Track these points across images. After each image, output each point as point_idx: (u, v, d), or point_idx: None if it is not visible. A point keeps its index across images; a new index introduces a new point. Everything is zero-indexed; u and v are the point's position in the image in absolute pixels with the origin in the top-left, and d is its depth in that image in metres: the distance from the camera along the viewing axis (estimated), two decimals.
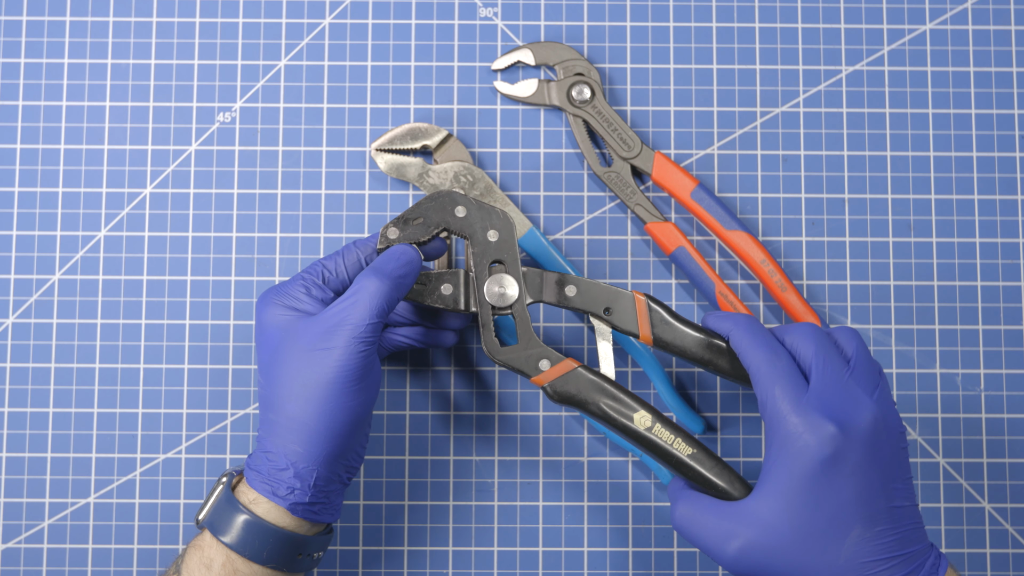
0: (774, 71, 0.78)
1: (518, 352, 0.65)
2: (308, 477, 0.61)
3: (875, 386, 0.60)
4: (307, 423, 0.61)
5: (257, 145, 0.77)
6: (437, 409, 0.75)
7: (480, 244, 0.66)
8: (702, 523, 0.60)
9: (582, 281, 0.66)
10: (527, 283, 0.66)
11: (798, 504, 0.58)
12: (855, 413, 0.59)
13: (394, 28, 0.78)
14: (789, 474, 0.58)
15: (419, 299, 0.66)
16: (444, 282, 0.66)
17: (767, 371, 0.60)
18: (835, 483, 0.58)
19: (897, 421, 0.60)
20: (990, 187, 0.77)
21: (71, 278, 0.76)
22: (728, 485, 0.62)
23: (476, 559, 0.74)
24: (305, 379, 0.61)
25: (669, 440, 0.63)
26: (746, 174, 0.77)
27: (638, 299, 0.66)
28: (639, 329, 0.65)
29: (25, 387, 0.75)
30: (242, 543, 0.61)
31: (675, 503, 0.62)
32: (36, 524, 0.74)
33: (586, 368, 0.64)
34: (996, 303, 0.76)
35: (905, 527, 0.59)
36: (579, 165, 0.77)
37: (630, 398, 0.64)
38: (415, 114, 0.77)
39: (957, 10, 0.78)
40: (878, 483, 0.58)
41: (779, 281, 0.74)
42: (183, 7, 0.78)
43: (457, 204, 0.66)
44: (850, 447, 0.58)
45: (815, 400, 0.59)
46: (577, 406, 0.64)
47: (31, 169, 0.76)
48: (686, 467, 0.62)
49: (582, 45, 0.78)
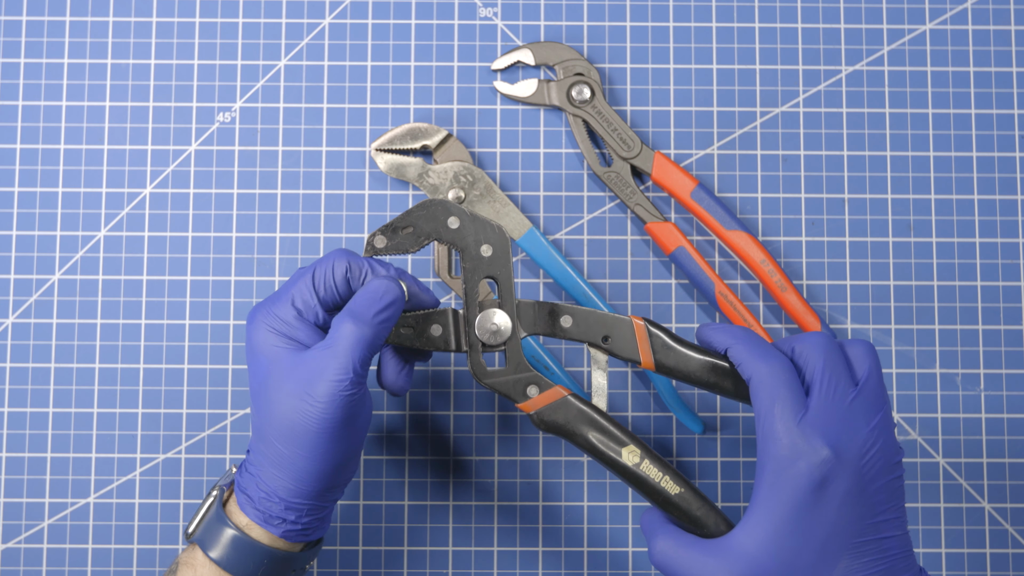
0: (774, 71, 0.78)
1: (507, 376, 0.63)
2: (300, 509, 0.61)
3: (878, 410, 0.58)
4: (296, 463, 0.60)
5: (257, 145, 0.77)
6: (437, 409, 0.75)
7: (473, 259, 0.63)
8: (685, 560, 0.58)
9: (578, 310, 0.63)
10: (520, 315, 0.63)
11: (786, 534, 0.56)
12: (851, 438, 0.57)
13: (394, 28, 0.78)
14: (779, 501, 0.56)
15: (407, 343, 0.63)
16: (433, 323, 0.63)
17: (768, 385, 0.58)
18: (825, 510, 0.56)
19: (894, 450, 0.58)
20: (990, 187, 0.77)
21: (71, 278, 0.76)
22: (715, 527, 0.60)
23: (476, 559, 0.74)
24: (292, 424, 0.59)
25: (657, 477, 0.61)
26: (746, 174, 0.77)
27: (637, 325, 0.63)
28: (640, 356, 0.63)
29: (25, 387, 0.75)
30: (234, 562, 0.61)
31: (654, 538, 0.60)
32: (36, 524, 0.74)
33: (576, 397, 0.62)
34: (996, 303, 0.76)
35: (893, 556, 0.57)
36: (579, 165, 0.77)
37: (620, 431, 0.62)
38: (415, 114, 0.77)
39: (957, 10, 0.78)
40: (868, 514, 0.57)
41: (779, 281, 0.74)
42: (183, 7, 0.78)
43: (450, 215, 0.63)
44: (842, 473, 0.56)
45: (812, 420, 0.57)
46: (564, 436, 0.62)
47: (31, 169, 0.76)
48: (672, 506, 0.61)
49: (582, 45, 0.78)
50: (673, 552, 0.59)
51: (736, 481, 0.75)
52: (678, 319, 0.76)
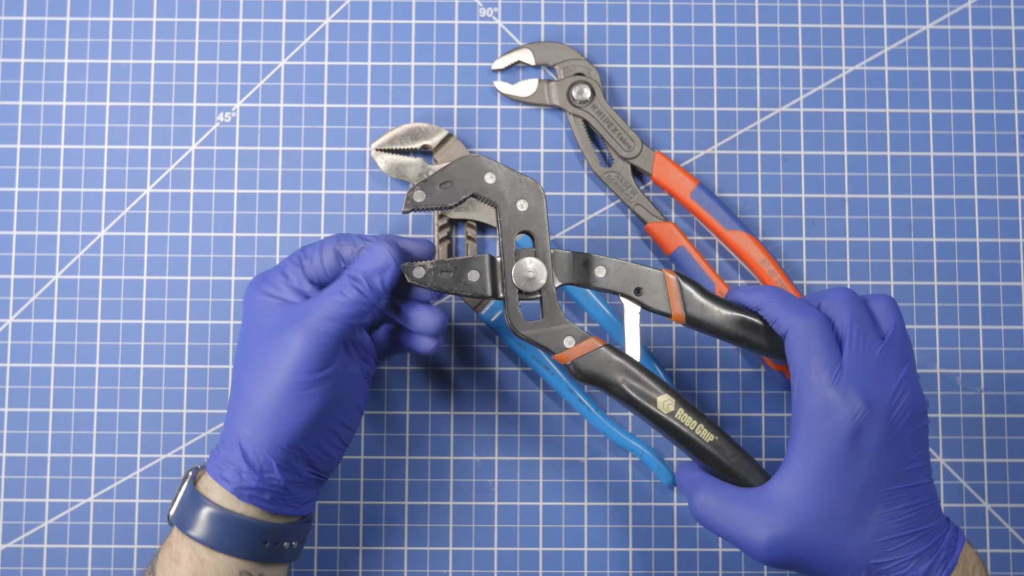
0: (774, 71, 0.78)
1: (542, 328, 0.63)
2: (256, 462, 0.61)
3: (904, 362, 0.60)
4: (257, 407, 0.60)
5: (257, 145, 0.77)
6: (437, 409, 0.75)
7: (509, 213, 0.64)
8: (727, 513, 0.60)
9: (611, 261, 0.64)
10: (555, 265, 0.64)
11: (826, 483, 0.58)
12: (882, 390, 0.58)
13: (394, 28, 0.78)
14: (816, 451, 0.58)
15: (446, 288, 0.64)
16: (470, 268, 0.64)
17: (804, 339, 0.59)
18: (861, 460, 0.58)
19: (921, 400, 0.60)
20: (990, 187, 0.77)
21: (71, 278, 0.76)
22: (748, 475, 0.61)
23: (476, 559, 0.74)
24: (261, 363, 0.61)
25: (691, 426, 0.62)
26: (746, 174, 0.77)
27: (668, 278, 0.64)
28: (671, 308, 0.64)
29: (25, 387, 0.75)
30: (202, 532, 0.61)
31: (693, 492, 0.61)
32: (36, 524, 0.74)
33: (611, 348, 0.63)
34: (996, 303, 0.76)
35: (923, 504, 0.59)
36: (579, 165, 0.77)
37: (654, 381, 0.63)
38: (415, 114, 0.77)
39: (957, 10, 0.78)
40: (899, 461, 0.58)
41: (779, 281, 0.74)
42: (183, 7, 0.78)
43: (487, 170, 0.64)
44: (875, 424, 0.58)
45: (848, 373, 0.59)
46: (600, 386, 0.63)
47: (31, 169, 0.76)
48: (706, 454, 0.62)
49: (582, 45, 0.78)
50: (715, 505, 0.60)
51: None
52: None
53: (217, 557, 0.61)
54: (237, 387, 0.62)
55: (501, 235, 0.64)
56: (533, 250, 0.64)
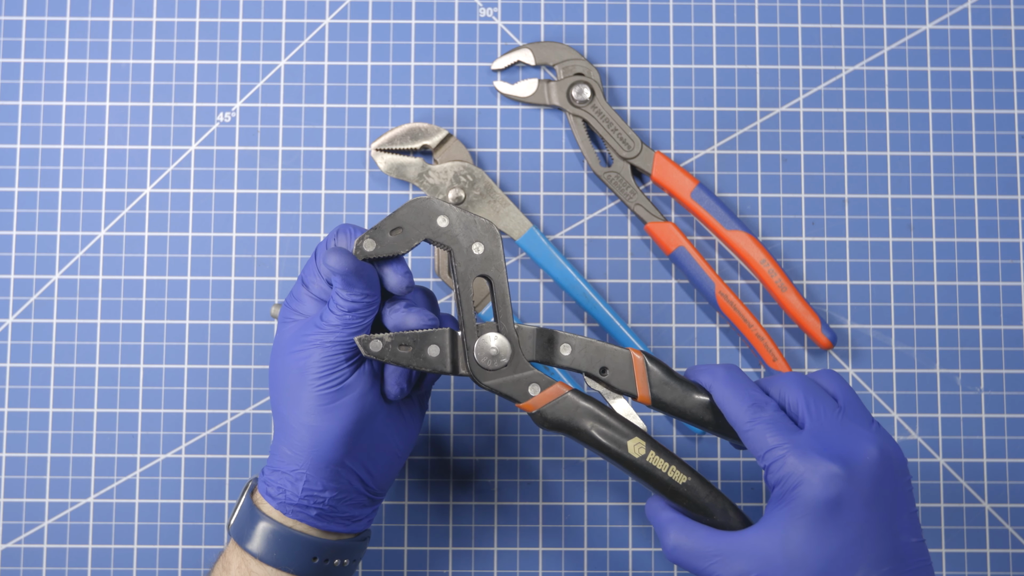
0: (774, 71, 0.78)
1: (506, 376, 0.61)
2: (298, 480, 0.61)
3: (870, 420, 0.58)
4: (292, 425, 0.61)
5: (257, 145, 0.77)
6: (437, 409, 0.75)
7: (464, 257, 0.61)
8: (700, 552, 0.58)
9: (576, 339, 0.62)
10: (520, 341, 0.62)
11: (799, 542, 0.56)
12: (857, 448, 0.56)
13: (394, 28, 0.78)
14: (791, 514, 0.56)
15: (406, 364, 0.61)
16: (430, 343, 0.61)
17: (754, 419, 0.58)
18: (840, 524, 0.55)
19: (899, 453, 0.58)
20: (990, 187, 0.77)
21: (71, 278, 0.76)
22: (722, 515, 0.60)
23: (476, 559, 0.74)
24: (287, 382, 0.61)
25: (664, 468, 0.60)
26: (746, 174, 0.77)
27: (635, 358, 0.62)
28: (637, 390, 0.62)
29: (25, 387, 0.75)
30: (253, 544, 0.61)
31: (665, 531, 0.60)
32: (36, 524, 0.74)
33: (577, 393, 0.61)
34: (996, 303, 0.76)
35: (912, 566, 0.57)
36: (579, 165, 0.77)
37: (623, 424, 0.61)
38: (415, 114, 0.77)
39: (957, 10, 0.78)
40: (884, 521, 0.56)
41: (779, 281, 0.74)
42: (183, 7, 0.78)
43: (438, 213, 0.61)
44: (855, 485, 0.56)
45: (813, 441, 0.57)
46: (569, 433, 0.61)
47: (31, 169, 0.76)
48: (680, 496, 0.60)
49: (582, 45, 0.78)
50: (688, 546, 0.58)
51: (736, 481, 0.75)
52: (678, 319, 0.76)
53: (266, 569, 0.61)
54: (274, 407, 0.62)
55: (457, 281, 0.61)
56: (495, 324, 0.62)
